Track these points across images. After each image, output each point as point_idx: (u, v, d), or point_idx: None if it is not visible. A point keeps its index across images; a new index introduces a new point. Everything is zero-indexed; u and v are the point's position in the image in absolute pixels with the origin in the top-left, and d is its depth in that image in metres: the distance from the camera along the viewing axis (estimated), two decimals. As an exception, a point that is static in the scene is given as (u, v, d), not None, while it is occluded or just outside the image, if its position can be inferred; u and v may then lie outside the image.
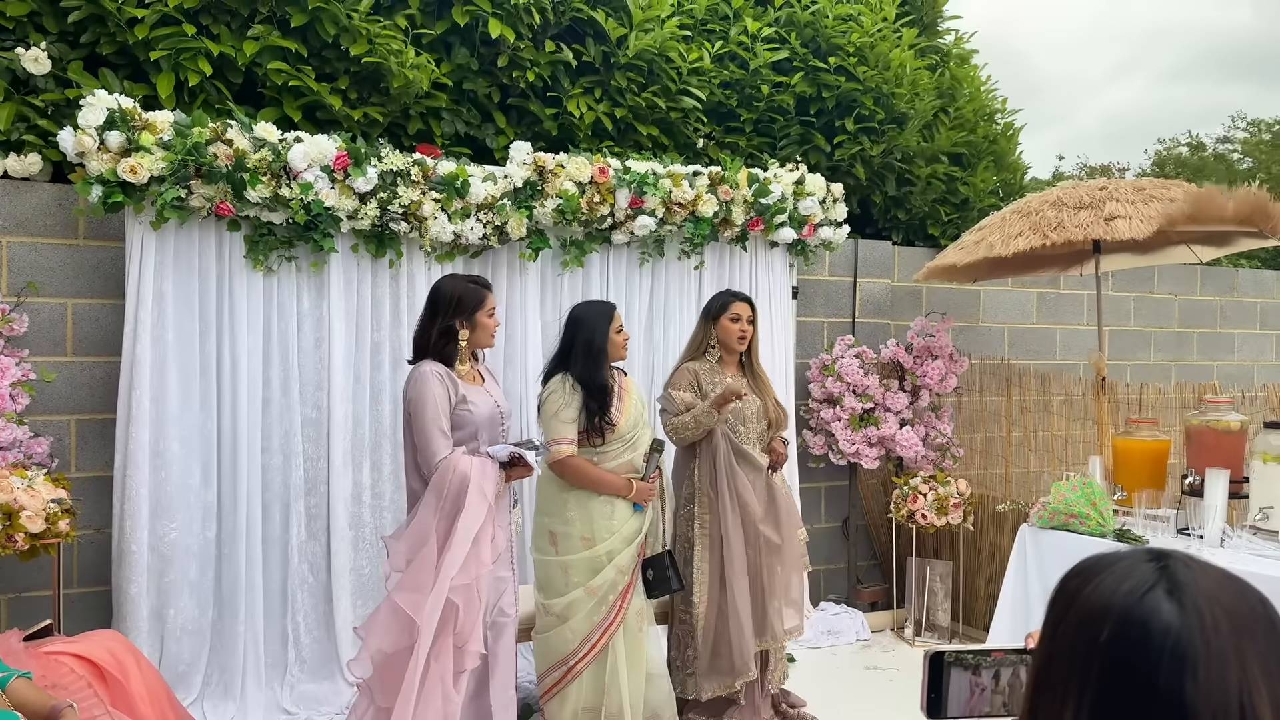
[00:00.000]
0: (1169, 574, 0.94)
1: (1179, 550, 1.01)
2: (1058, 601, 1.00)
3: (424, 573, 2.90)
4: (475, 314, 3.19)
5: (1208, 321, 7.68)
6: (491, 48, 4.84)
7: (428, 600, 2.86)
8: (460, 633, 2.94)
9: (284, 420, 4.11)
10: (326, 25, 4.37)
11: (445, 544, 2.91)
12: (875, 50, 5.95)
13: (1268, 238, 4.65)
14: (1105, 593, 0.94)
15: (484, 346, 3.30)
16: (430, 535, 2.91)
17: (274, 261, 4.08)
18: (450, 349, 3.16)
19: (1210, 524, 3.75)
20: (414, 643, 2.86)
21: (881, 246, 6.01)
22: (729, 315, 3.87)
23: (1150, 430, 4.39)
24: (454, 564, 2.89)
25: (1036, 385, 5.48)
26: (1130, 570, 0.95)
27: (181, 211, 3.83)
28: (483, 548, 2.97)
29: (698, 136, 5.60)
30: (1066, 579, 1.01)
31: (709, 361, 3.91)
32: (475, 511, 2.93)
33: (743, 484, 3.77)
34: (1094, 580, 0.96)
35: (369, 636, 2.94)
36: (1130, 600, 0.92)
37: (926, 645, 5.19)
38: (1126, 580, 0.94)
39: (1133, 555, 0.98)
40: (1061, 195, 4.81)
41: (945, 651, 1.16)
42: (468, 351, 3.22)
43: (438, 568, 2.89)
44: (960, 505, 5.12)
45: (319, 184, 3.96)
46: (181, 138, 3.74)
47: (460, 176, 4.22)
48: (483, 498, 2.95)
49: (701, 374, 3.85)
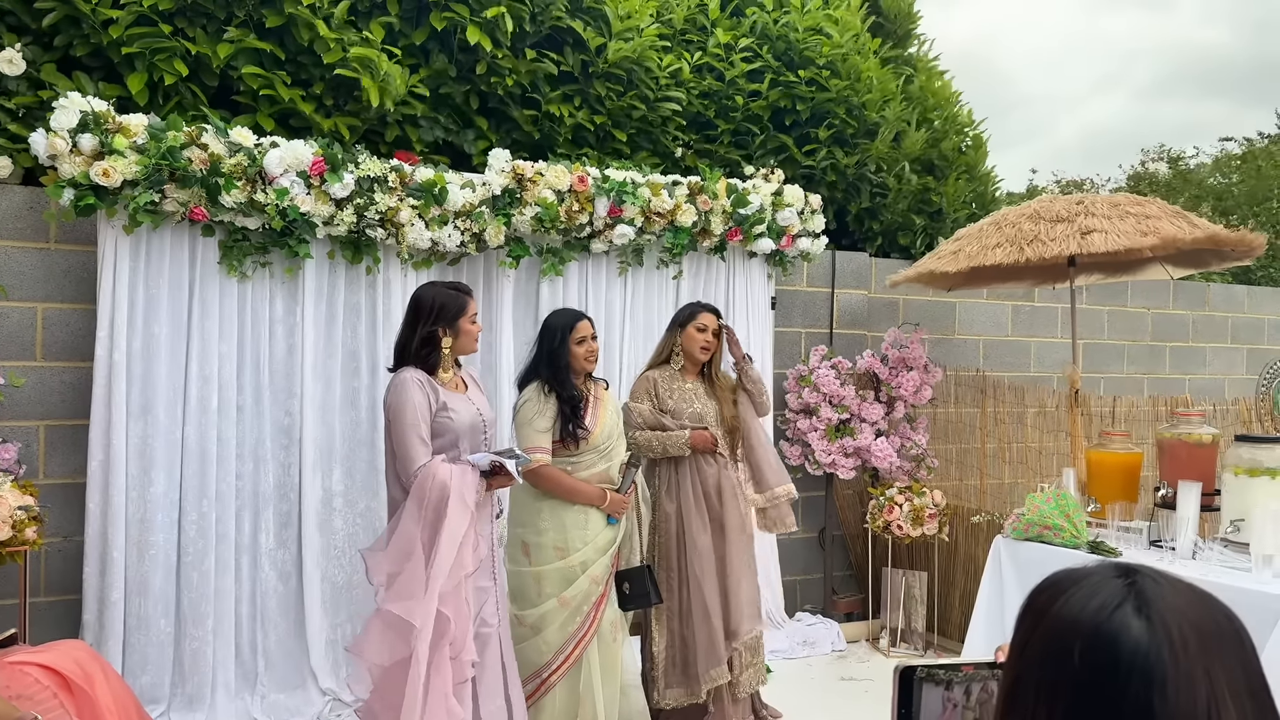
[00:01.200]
0: (1137, 590, 0.94)
1: (1147, 566, 1.01)
2: (1026, 617, 0.99)
3: (413, 582, 2.87)
4: (457, 320, 3.16)
5: (1180, 335, 7.76)
6: (470, 55, 4.82)
7: (420, 607, 2.83)
8: (454, 643, 2.92)
9: (255, 427, 4.07)
10: (302, 31, 4.34)
11: (431, 553, 2.88)
12: (847, 63, 5.99)
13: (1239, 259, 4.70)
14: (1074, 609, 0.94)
15: (467, 353, 3.27)
16: (415, 545, 2.88)
17: (248, 267, 4.05)
18: (433, 356, 3.14)
19: (1182, 536, 3.78)
20: (411, 652, 2.83)
21: (859, 258, 6.03)
22: (695, 324, 3.91)
23: (1123, 443, 4.42)
24: (441, 573, 2.87)
25: (1011, 397, 5.51)
26: (1098, 586, 0.95)
27: (155, 216, 3.79)
28: (465, 554, 2.95)
29: (676, 145, 5.61)
30: (1035, 594, 1.00)
31: (671, 369, 3.95)
32: (458, 520, 2.90)
33: (706, 481, 3.84)
34: (1062, 596, 0.96)
35: (364, 651, 2.90)
36: (1099, 617, 0.92)
37: (902, 656, 5.20)
38: (1095, 597, 0.94)
39: (1101, 570, 0.98)
40: (1038, 209, 4.84)
41: (915, 667, 1.15)
42: (450, 359, 3.19)
43: (426, 576, 2.86)
44: (936, 516, 5.13)
45: (295, 189, 3.93)
46: (156, 141, 3.70)
47: (438, 183, 4.20)
48: (464, 506, 2.93)
49: (660, 382, 3.91)
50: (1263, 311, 8.25)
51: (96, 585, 3.81)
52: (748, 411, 3.99)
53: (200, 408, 3.94)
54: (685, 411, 3.88)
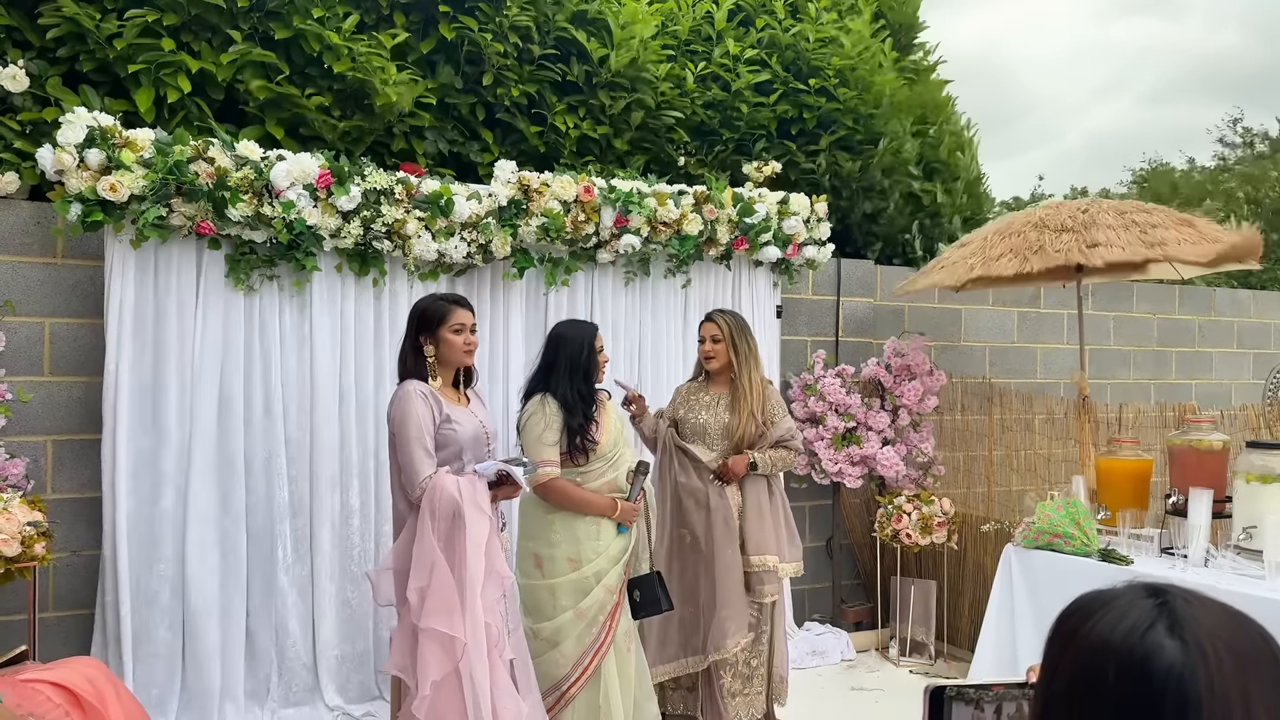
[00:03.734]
0: (1169, 610, 0.93)
1: (1177, 585, 0.99)
2: (1056, 640, 0.98)
3: (447, 594, 2.84)
4: (438, 329, 3.13)
5: (1186, 341, 7.74)
6: (476, 66, 4.83)
7: (459, 619, 2.82)
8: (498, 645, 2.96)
9: (267, 441, 4.06)
10: (310, 41, 4.35)
11: (457, 564, 2.87)
12: (856, 73, 6.00)
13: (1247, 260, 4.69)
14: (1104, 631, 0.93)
15: (454, 364, 3.22)
16: (437, 557, 2.87)
17: (255, 281, 4.04)
18: (420, 366, 3.13)
19: (1194, 544, 3.76)
20: (456, 664, 2.83)
21: (864, 265, 6.03)
22: (698, 337, 4.03)
23: (1132, 450, 4.41)
24: (477, 581, 2.86)
25: (1018, 404, 5.49)
26: (1129, 607, 0.94)
27: (162, 230, 3.79)
28: (496, 560, 2.96)
29: (680, 154, 5.62)
30: (1063, 617, 0.99)
31: (699, 381, 4.08)
32: (477, 527, 2.90)
33: (685, 490, 3.87)
34: (1092, 618, 0.95)
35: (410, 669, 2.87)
36: (1131, 639, 0.90)
37: (912, 665, 5.18)
38: (1125, 617, 0.92)
39: (1130, 591, 0.97)
40: (1044, 216, 4.82)
41: (946, 686, 1.14)
42: (442, 370, 3.16)
43: (460, 588, 2.85)
44: (945, 524, 5.12)
45: (301, 202, 3.93)
46: (162, 155, 3.70)
47: (444, 195, 4.20)
48: (481, 512, 2.93)
49: (684, 392, 4.06)
50: (1268, 316, 8.23)
51: (112, 600, 3.80)
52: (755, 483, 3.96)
53: (210, 422, 3.93)
54: (689, 421, 3.94)
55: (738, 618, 3.82)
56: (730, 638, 3.79)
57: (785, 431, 3.96)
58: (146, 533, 3.86)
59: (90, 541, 3.95)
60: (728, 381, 3.99)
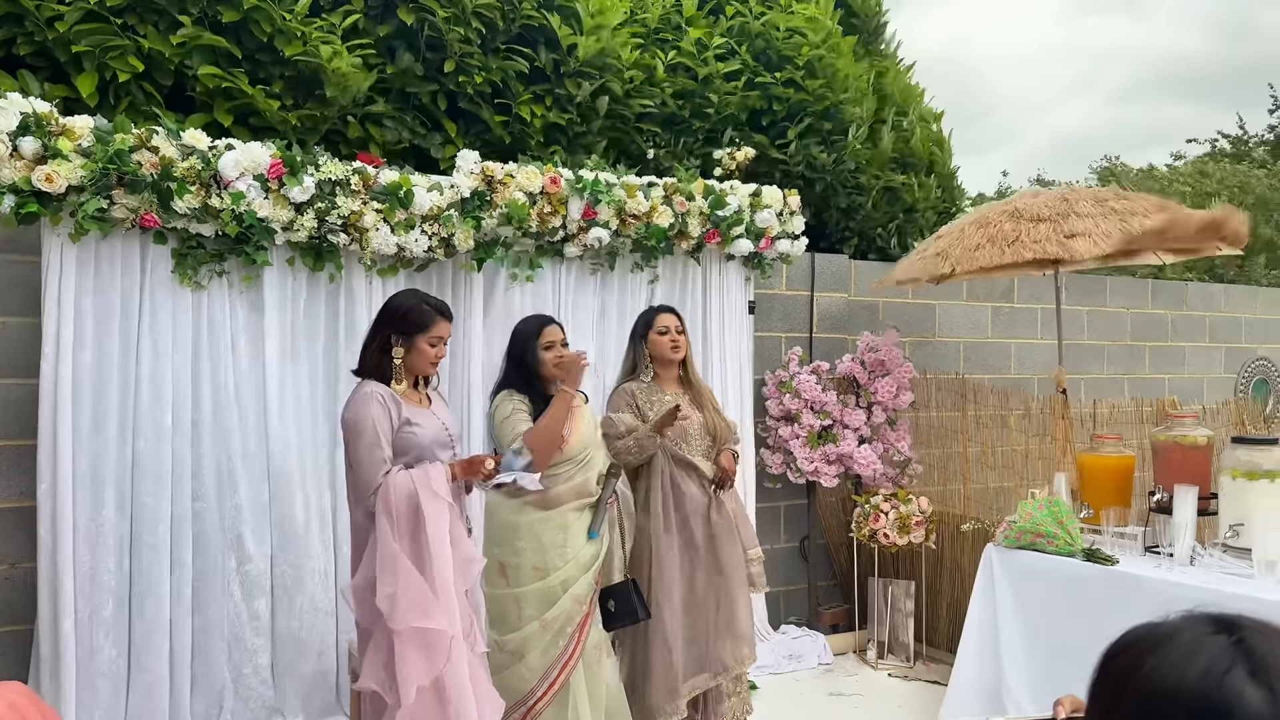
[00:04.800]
0: (1246, 650, 0.78)
1: (1246, 616, 0.85)
2: (1107, 679, 0.83)
3: (419, 591, 2.69)
4: (415, 336, 2.98)
5: (1159, 335, 7.71)
6: (438, 53, 4.65)
7: (439, 610, 2.69)
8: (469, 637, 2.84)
9: (217, 446, 3.86)
10: (262, 25, 4.15)
11: (423, 559, 2.71)
12: (823, 62, 5.88)
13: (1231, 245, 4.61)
14: (1173, 674, 0.78)
15: (419, 373, 3.06)
16: (400, 557, 2.71)
17: (203, 276, 3.84)
18: (385, 365, 2.96)
19: (1180, 542, 3.67)
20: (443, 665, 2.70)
21: (838, 260, 5.91)
22: (656, 329, 3.81)
23: (1114, 446, 4.31)
24: (445, 567, 2.71)
25: (993, 400, 5.39)
26: (1197, 645, 0.79)
27: (103, 223, 3.57)
28: (462, 546, 2.81)
29: (649, 146, 5.47)
30: (1116, 653, 0.84)
31: (644, 381, 3.82)
32: (436, 515, 2.73)
33: (686, 501, 3.67)
34: (1151, 656, 0.80)
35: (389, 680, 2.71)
36: (1207, 684, 0.76)
37: (890, 668, 5.06)
38: (1196, 658, 0.78)
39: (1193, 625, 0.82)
40: (1020, 206, 4.71)
41: None
42: (404, 373, 2.99)
43: (431, 582, 2.69)
44: (923, 523, 5.00)
45: (252, 194, 3.73)
46: (103, 144, 3.49)
47: (404, 186, 4.02)
48: (437, 497, 2.76)
49: (639, 394, 3.77)
50: (1239, 310, 8.22)
51: (50, 615, 3.58)
52: None
53: (156, 425, 3.73)
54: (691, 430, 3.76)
55: (750, 632, 3.79)
56: (749, 648, 3.76)
57: (734, 421, 4.00)
58: (88, 544, 3.65)
59: (31, 553, 3.73)
60: (675, 379, 3.86)
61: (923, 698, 4.63)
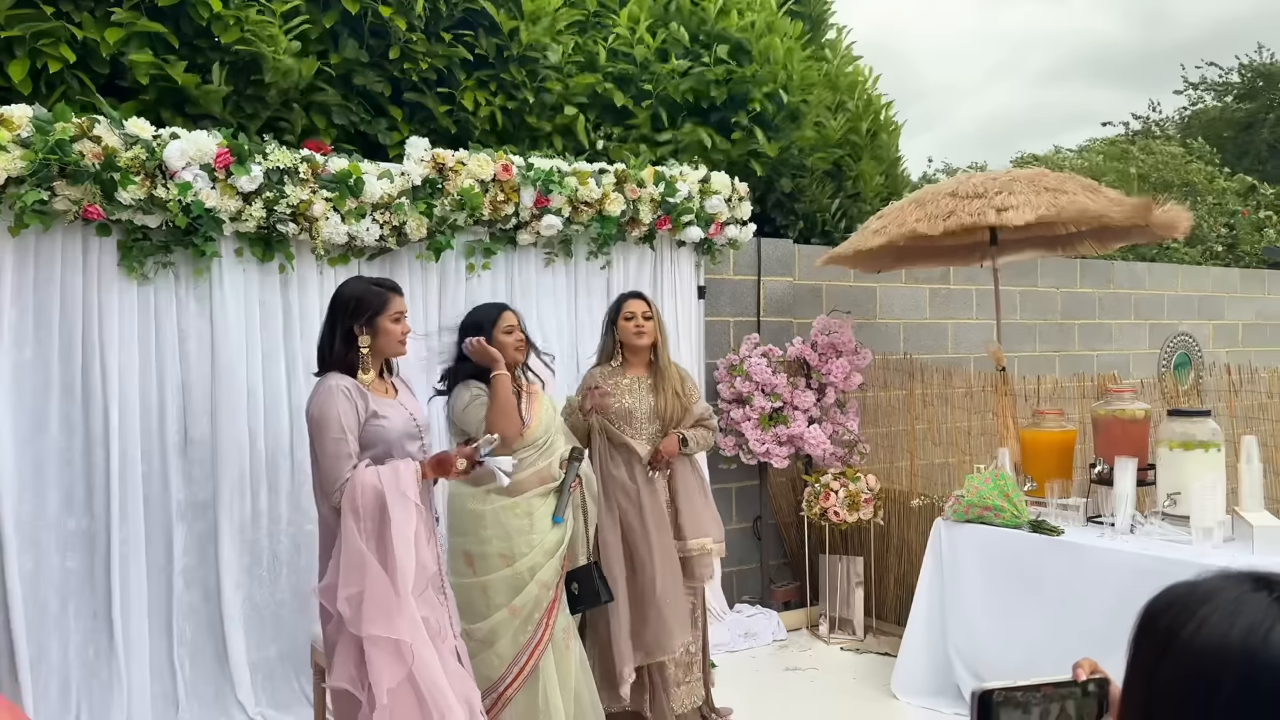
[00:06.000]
0: None
1: None
2: (1150, 639, 0.88)
3: (383, 596, 2.67)
4: (376, 319, 2.95)
5: (1087, 313, 7.96)
6: (381, 40, 4.59)
7: (400, 620, 2.67)
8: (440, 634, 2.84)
9: (163, 440, 3.78)
10: (199, 10, 4.06)
11: (387, 562, 2.69)
12: (762, 42, 5.93)
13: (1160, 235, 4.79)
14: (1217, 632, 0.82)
15: (391, 355, 3.05)
16: (366, 559, 2.69)
17: (150, 269, 3.75)
18: (352, 357, 2.93)
19: (1121, 512, 3.82)
20: (410, 665, 2.68)
21: (783, 245, 5.99)
22: (623, 314, 3.86)
23: (1056, 421, 4.46)
24: (408, 577, 2.69)
25: (938, 379, 5.53)
26: (1240, 604, 0.83)
27: (44, 216, 3.47)
28: (424, 554, 2.79)
29: (598, 136, 5.47)
30: (1156, 613, 0.89)
31: (611, 366, 3.88)
32: (403, 518, 2.71)
33: (614, 485, 3.73)
34: (1193, 617, 0.85)
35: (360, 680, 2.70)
36: (1253, 640, 0.80)
37: (842, 642, 5.18)
38: (1240, 615, 0.82)
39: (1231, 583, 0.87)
40: (956, 186, 4.87)
41: (994, 690, 1.05)
42: (371, 360, 2.97)
43: (394, 585, 2.68)
44: (871, 501, 5.12)
45: (198, 184, 3.65)
46: (43, 134, 3.38)
47: (353, 174, 3.97)
48: (405, 500, 2.74)
49: (598, 377, 3.85)
50: (1162, 288, 8.53)
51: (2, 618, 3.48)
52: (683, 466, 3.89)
53: (103, 422, 3.64)
54: (613, 406, 3.79)
55: (682, 617, 3.75)
56: (676, 638, 3.71)
57: (703, 410, 3.94)
58: (31, 543, 3.55)
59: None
60: (644, 364, 3.90)
61: (874, 669, 4.75)
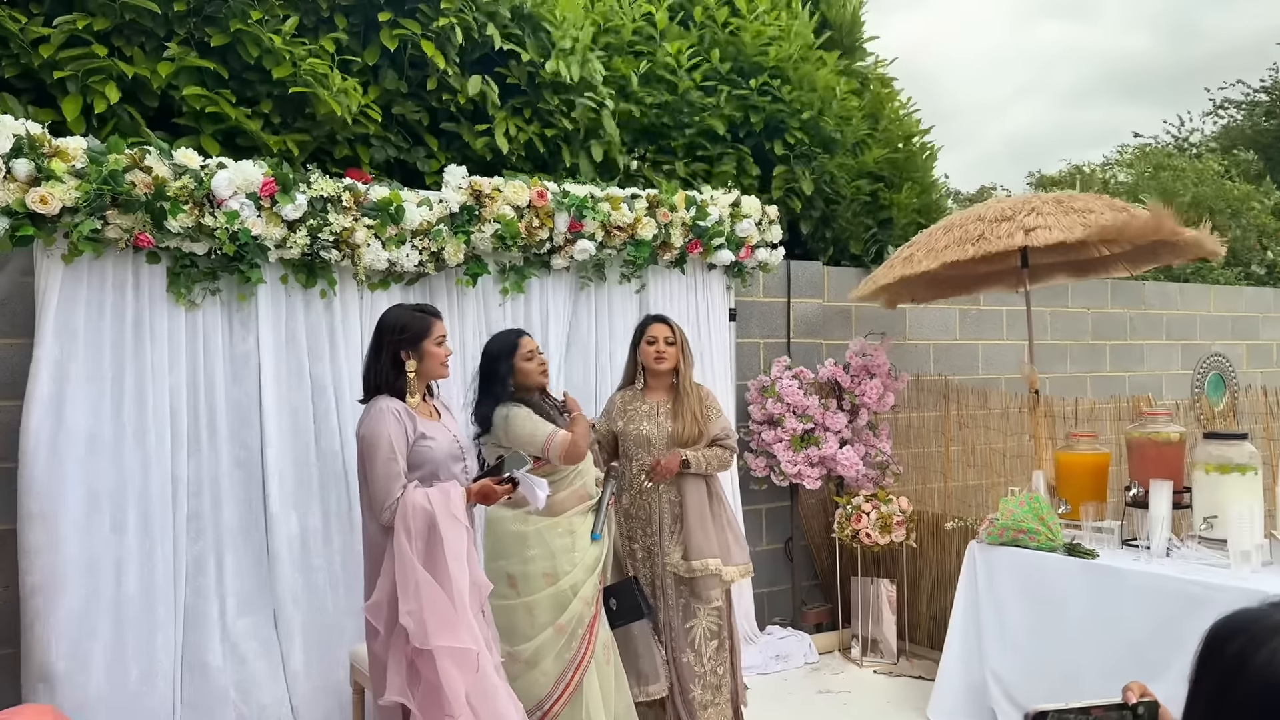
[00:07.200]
0: None
1: None
2: (1215, 667, 0.90)
3: (444, 609, 2.75)
4: (421, 343, 3.05)
5: (1118, 334, 7.93)
6: (420, 70, 4.70)
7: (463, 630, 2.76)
8: None
9: (212, 463, 3.86)
10: (249, 47, 4.17)
11: (444, 578, 2.77)
12: (799, 72, 6.00)
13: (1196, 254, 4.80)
14: None
15: (435, 378, 3.15)
16: (420, 575, 2.76)
17: (197, 295, 3.85)
18: (400, 382, 3.02)
19: (1157, 535, 3.82)
20: (478, 669, 2.78)
21: (812, 267, 6.03)
22: (646, 338, 3.92)
23: (1090, 443, 4.46)
24: (463, 591, 2.77)
25: (973, 400, 5.54)
26: None
27: (97, 244, 3.58)
28: (476, 572, 2.88)
29: (632, 158, 5.55)
30: (1223, 640, 0.91)
31: (634, 389, 3.96)
32: (455, 538, 2.79)
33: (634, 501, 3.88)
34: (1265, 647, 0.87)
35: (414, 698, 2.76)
36: None
37: (875, 665, 5.18)
38: None
39: None
40: (983, 211, 4.90)
41: (1048, 712, 1.08)
42: (418, 384, 3.06)
43: (452, 600, 2.75)
44: (904, 523, 5.13)
45: (245, 212, 3.76)
46: (96, 165, 3.50)
47: (394, 202, 4.06)
48: (457, 522, 2.82)
49: (618, 402, 3.96)
50: (1194, 308, 8.48)
51: (42, 638, 3.55)
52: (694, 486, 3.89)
53: (152, 444, 3.72)
54: (630, 433, 3.87)
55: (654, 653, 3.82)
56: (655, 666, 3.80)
57: (720, 429, 3.93)
58: (82, 565, 3.62)
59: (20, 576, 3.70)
60: (666, 388, 3.94)
61: (907, 692, 4.75)
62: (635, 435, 3.84)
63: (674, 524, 3.84)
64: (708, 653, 3.84)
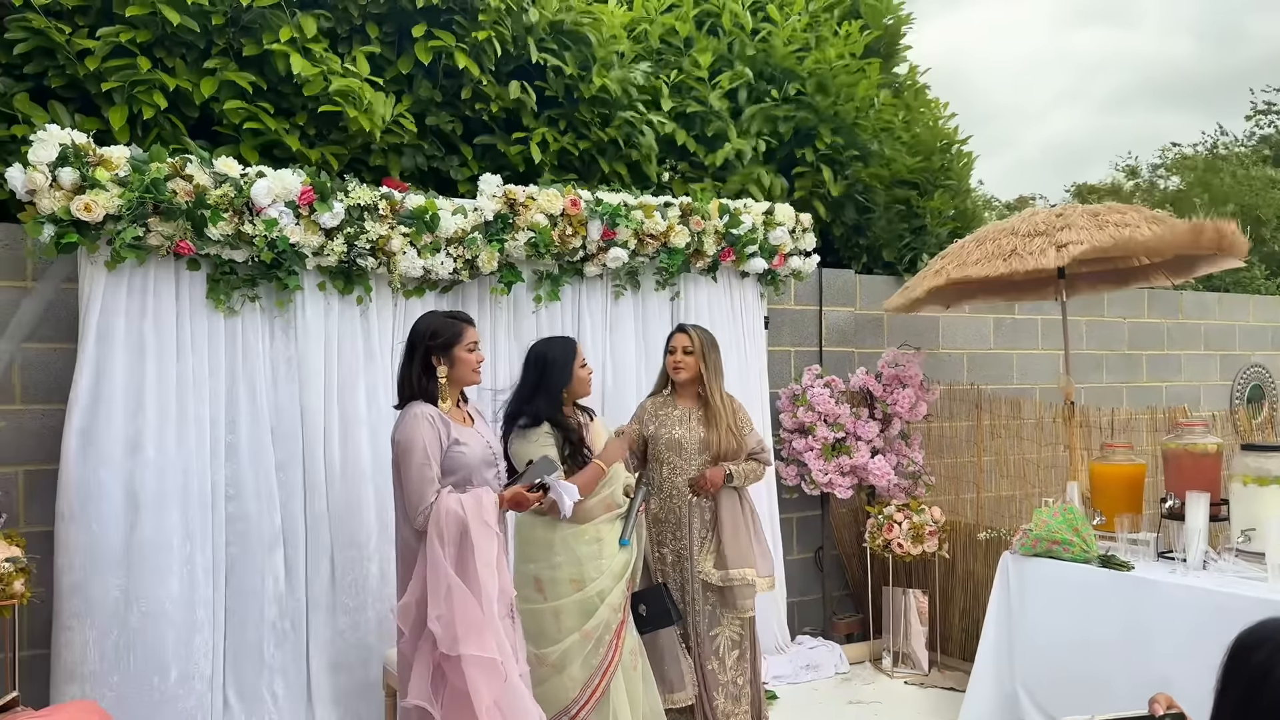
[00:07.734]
0: None
1: None
2: (1242, 674, 0.91)
3: (472, 616, 2.78)
4: (453, 349, 3.08)
5: (1155, 344, 7.84)
6: (454, 80, 4.74)
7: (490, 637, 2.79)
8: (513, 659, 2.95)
9: (253, 467, 3.91)
10: (279, 61, 4.23)
11: (473, 584, 2.80)
12: (837, 80, 5.99)
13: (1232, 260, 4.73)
14: None
15: (467, 383, 3.17)
16: (452, 580, 2.79)
17: (236, 301, 3.92)
18: (431, 387, 3.05)
19: (1193, 548, 3.77)
20: (506, 676, 2.82)
21: (844, 275, 6.02)
22: (668, 347, 3.98)
23: (1125, 454, 4.41)
24: (491, 596, 2.81)
25: (1007, 410, 5.50)
26: None
27: (139, 251, 3.65)
28: (505, 580, 2.92)
29: (663, 169, 5.56)
30: (1246, 650, 0.92)
31: (665, 395, 4.02)
32: (486, 545, 2.83)
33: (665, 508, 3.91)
34: None
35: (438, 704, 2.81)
36: None
37: (906, 676, 5.14)
38: None
39: None
40: (1016, 224, 4.87)
41: None
42: (450, 390, 3.09)
43: (481, 606, 2.79)
44: (936, 533, 5.10)
45: (283, 220, 3.82)
46: (139, 174, 3.57)
47: (429, 210, 4.11)
48: (488, 529, 2.86)
49: (649, 408, 4.01)
50: (1233, 318, 8.36)
51: (78, 638, 3.62)
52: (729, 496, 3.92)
53: (191, 449, 3.79)
54: (663, 437, 3.90)
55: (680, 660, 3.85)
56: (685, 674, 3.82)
57: (756, 444, 4.01)
58: (122, 567, 3.68)
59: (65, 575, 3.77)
60: (694, 395, 3.97)
61: (939, 704, 4.72)
62: (668, 439, 3.87)
63: (704, 531, 3.86)
64: (730, 661, 3.87)
